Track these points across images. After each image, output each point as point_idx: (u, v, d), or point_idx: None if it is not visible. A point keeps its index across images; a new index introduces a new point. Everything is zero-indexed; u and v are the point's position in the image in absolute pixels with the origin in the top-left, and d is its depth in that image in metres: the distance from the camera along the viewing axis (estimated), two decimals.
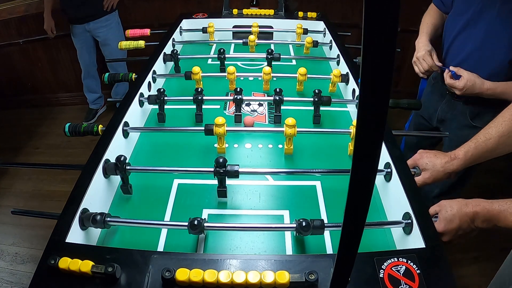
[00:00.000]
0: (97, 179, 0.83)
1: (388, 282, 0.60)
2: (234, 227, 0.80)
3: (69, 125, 1.07)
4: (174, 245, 0.77)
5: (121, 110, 1.05)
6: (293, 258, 0.66)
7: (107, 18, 2.41)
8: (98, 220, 0.73)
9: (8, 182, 2.31)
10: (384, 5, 0.25)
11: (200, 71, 1.26)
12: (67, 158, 2.47)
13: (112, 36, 2.43)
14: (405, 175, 0.83)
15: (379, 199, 0.91)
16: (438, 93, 1.37)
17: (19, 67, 2.87)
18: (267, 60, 1.39)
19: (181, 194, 0.91)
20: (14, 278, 1.74)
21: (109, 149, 0.91)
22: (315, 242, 0.78)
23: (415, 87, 1.52)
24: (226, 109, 1.23)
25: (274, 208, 0.88)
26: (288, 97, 1.14)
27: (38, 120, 2.88)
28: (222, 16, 1.79)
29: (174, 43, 1.58)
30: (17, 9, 2.55)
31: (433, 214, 0.82)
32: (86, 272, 0.60)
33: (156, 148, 1.07)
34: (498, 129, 0.88)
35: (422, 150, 0.98)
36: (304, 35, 1.62)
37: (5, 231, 1.99)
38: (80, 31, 2.45)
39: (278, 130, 1.02)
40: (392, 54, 0.27)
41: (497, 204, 0.76)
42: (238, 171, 0.83)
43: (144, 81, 1.21)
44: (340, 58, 1.42)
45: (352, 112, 1.22)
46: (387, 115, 0.30)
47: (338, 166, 0.91)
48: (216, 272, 0.59)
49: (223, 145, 1.03)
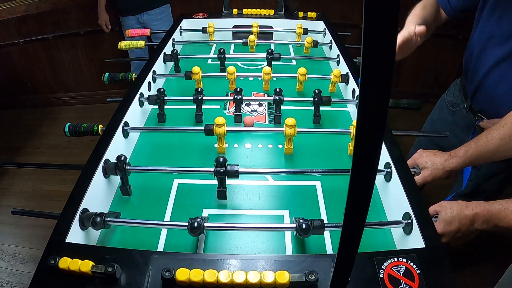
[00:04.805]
0: (97, 179, 0.83)
1: (388, 282, 0.60)
2: (234, 227, 0.79)
3: (69, 125, 1.07)
4: (174, 245, 0.77)
5: (121, 110, 1.05)
6: (293, 258, 0.66)
7: (162, 11, 2.41)
8: (98, 221, 0.73)
9: (8, 182, 2.31)
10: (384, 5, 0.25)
11: (200, 71, 1.26)
12: (67, 158, 2.47)
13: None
14: (405, 175, 0.83)
15: (379, 199, 0.91)
16: (463, 124, 1.18)
17: (19, 67, 2.87)
18: (267, 60, 1.39)
19: (181, 194, 0.91)
20: (14, 278, 1.74)
21: (109, 149, 0.90)
22: (315, 242, 0.78)
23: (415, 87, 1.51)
24: (226, 109, 1.23)
25: (274, 208, 0.88)
26: (288, 97, 1.14)
27: (38, 120, 2.88)
28: (222, 16, 1.79)
29: (174, 43, 1.58)
30: (17, 9, 2.55)
31: (433, 214, 0.82)
32: (86, 272, 0.60)
33: (156, 148, 1.07)
34: (499, 132, 0.87)
35: (422, 150, 0.98)
36: (304, 35, 1.62)
37: (5, 231, 1.99)
38: (132, 23, 2.41)
39: (278, 130, 1.02)
40: (392, 54, 0.27)
41: (497, 203, 0.77)
42: (238, 171, 0.83)
43: (144, 81, 1.21)
44: (340, 58, 1.42)
45: (352, 112, 1.22)
46: (387, 115, 0.30)
47: (338, 166, 0.91)
48: (216, 272, 0.59)
49: (223, 145, 1.03)
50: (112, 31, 2.59)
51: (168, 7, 2.46)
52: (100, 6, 2.44)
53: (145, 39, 1.67)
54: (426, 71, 2.88)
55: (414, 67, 2.86)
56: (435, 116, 1.37)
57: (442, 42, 2.62)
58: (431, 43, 2.61)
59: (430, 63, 2.82)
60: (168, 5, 2.46)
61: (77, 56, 2.89)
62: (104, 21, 2.49)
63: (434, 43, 2.62)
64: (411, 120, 2.30)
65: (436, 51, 2.72)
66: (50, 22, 2.68)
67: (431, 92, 2.65)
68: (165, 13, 2.44)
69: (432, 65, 2.83)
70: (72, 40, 2.79)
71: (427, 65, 2.84)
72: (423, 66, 2.86)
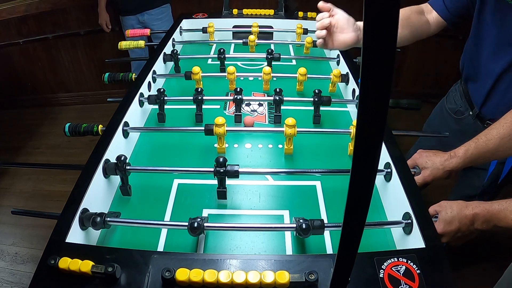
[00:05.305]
0: (97, 179, 0.83)
1: (388, 282, 0.60)
2: (234, 227, 0.79)
3: (69, 125, 1.07)
4: (174, 245, 0.77)
5: (121, 110, 1.05)
6: (293, 258, 0.66)
7: (162, 10, 2.41)
8: (98, 221, 0.73)
9: (8, 182, 2.31)
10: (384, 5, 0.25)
11: (200, 71, 1.26)
12: (67, 158, 2.47)
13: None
14: (405, 175, 0.83)
15: (379, 199, 0.91)
16: (472, 132, 1.08)
17: (19, 67, 2.87)
18: (267, 60, 1.39)
19: (181, 194, 0.91)
20: (14, 278, 1.74)
21: (109, 149, 0.90)
22: (315, 242, 0.78)
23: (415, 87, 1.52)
24: (226, 109, 1.23)
25: (274, 208, 0.88)
26: (288, 97, 1.14)
27: (38, 120, 2.89)
28: (222, 16, 1.79)
29: (174, 43, 1.58)
30: (17, 9, 2.55)
31: (433, 214, 0.82)
32: (86, 272, 0.60)
33: (156, 148, 1.07)
34: (499, 131, 0.87)
35: (422, 150, 0.98)
36: (304, 35, 1.62)
37: (5, 231, 1.99)
38: (132, 22, 2.41)
39: (278, 130, 1.02)
40: (392, 54, 0.27)
41: (497, 203, 0.77)
42: (238, 171, 0.83)
43: (144, 81, 1.21)
44: (340, 58, 1.42)
45: (352, 112, 1.22)
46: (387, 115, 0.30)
47: (338, 166, 0.91)
48: (216, 272, 0.59)
49: (223, 145, 1.03)
50: (112, 31, 2.59)
51: (168, 7, 2.47)
52: (100, 6, 2.44)
53: (145, 39, 1.67)
54: (426, 71, 2.89)
55: (414, 67, 2.86)
56: (435, 123, 1.33)
57: (442, 42, 2.62)
58: (431, 43, 2.61)
59: (430, 63, 2.83)
60: (168, 5, 2.46)
61: (77, 56, 2.89)
62: (104, 21, 2.49)
63: (434, 43, 2.63)
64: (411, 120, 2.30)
65: (436, 51, 2.72)
66: (50, 22, 2.69)
67: (431, 92, 2.65)
68: (165, 13, 2.44)
69: (432, 65, 2.84)
70: (72, 40, 2.79)
71: (427, 65, 2.84)
72: (423, 66, 2.86)
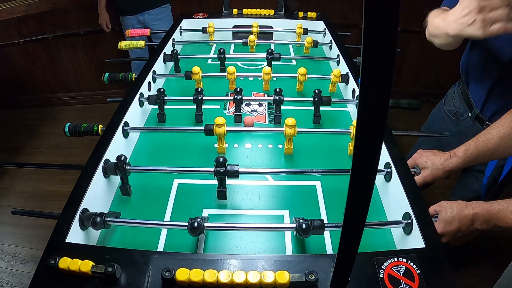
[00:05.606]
0: (97, 179, 0.83)
1: (388, 282, 0.60)
2: (234, 227, 0.79)
3: (69, 125, 1.07)
4: (174, 245, 0.77)
5: (121, 110, 1.05)
6: (293, 258, 0.66)
7: (162, 10, 2.42)
8: (98, 221, 0.73)
9: (8, 182, 2.31)
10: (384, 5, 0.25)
11: (200, 71, 1.26)
12: (67, 158, 2.47)
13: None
14: (405, 175, 0.83)
15: (379, 199, 0.91)
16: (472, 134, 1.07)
17: (19, 67, 2.87)
18: (267, 60, 1.39)
19: (181, 194, 0.91)
20: (14, 278, 1.74)
21: (109, 149, 0.90)
22: (315, 242, 0.78)
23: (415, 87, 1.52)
24: (226, 109, 1.23)
25: (274, 208, 0.88)
26: (288, 97, 1.14)
27: (38, 120, 2.89)
28: (222, 16, 1.79)
29: (174, 43, 1.58)
30: (17, 9, 2.56)
31: (433, 214, 0.82)
32: (86, 272, 0.60)
33: (156, 148, 1.07)
34: (499, 131, 0.87)
35: (422, 150, 0.98)
36: (304, 35, 1.62)
37: (5, 231, 1.99)
38: (133, 22, 2.41)
39: (278, 130, 1.02)
40: (392, 54, 0.27)
41: (497, 204, 0.77)
42: (238, 171, 0.83)
43: (144, 81, 1.21)
44: (340, 58, 1.42)
45: (352, 112, 1.22)
46: (387, 115, 0.30)
47: (338, 166, 0.91)
48: (216, 272, 0.59)
49: (223, 145, 1.03)
50: (112, 31, 2.59)
51: (169, 7, 2.47)
52: (100, 6, 2.44)
53: (145, 39, 1.67)
54: (426, 71, 2.88)
55: (414, 67, 2.86)
56: (434, 126, 1.32)
57: None
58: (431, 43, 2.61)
59: (430, 63, 2.82)
60: (169, 5, 2.46)
61: (77, 56, 2.89)
62: (104, 21, 2.49)
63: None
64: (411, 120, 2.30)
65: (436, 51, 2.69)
66: (50, 22, 2.68)
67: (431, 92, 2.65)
68: (165, 13, 2.44)
69: (432, 65, 2.83)
70: (72, 40, 2.79)
71: (427, 65, 2.84)
72: (423, 66, 2.86)
